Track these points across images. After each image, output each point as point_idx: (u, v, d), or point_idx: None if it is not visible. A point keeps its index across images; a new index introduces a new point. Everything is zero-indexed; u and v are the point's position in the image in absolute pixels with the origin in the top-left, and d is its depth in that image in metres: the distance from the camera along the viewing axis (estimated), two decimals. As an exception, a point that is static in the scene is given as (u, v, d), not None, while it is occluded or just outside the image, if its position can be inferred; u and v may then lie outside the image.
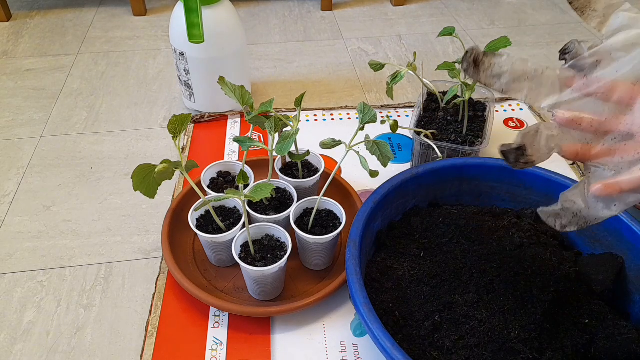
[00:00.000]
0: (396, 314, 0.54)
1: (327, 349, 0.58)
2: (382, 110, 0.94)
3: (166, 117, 0.93)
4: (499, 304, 0.53)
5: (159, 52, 1.13)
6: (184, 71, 0.87)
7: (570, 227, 0.43)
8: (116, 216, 0.74)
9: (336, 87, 1.02)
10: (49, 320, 0.61)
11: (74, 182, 0.80)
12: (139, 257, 0.68)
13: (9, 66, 1.07)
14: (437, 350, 0.50)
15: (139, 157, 0.84)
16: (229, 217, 0.64)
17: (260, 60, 1.10)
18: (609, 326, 0.51)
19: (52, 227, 0.72)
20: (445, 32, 0.72)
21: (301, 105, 0.62)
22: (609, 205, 0.41)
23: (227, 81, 0.61)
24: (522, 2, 1.36)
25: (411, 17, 1.29)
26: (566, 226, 0.43)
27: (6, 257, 0.68)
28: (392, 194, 0.62)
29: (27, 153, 0.85)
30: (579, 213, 0.42)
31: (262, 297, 0.61)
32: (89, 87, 1.01)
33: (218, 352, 0.57)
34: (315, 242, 0.60)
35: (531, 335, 0.50)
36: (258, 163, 0.74)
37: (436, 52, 1.14)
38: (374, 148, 0.56)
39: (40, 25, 1.23)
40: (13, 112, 0.94)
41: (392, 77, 0.69)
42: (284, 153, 0.57)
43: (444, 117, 0.77)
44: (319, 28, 1.24)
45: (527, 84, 0.42)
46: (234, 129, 0.90)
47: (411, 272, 0.57)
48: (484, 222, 0.61)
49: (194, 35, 0.79)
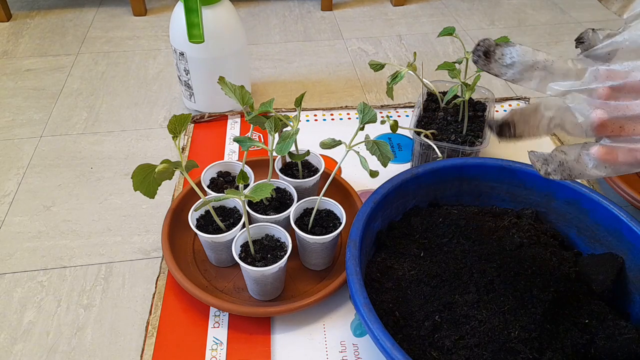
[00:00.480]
0: (396, 314, 0.54)
1: (327, 349, 0.58)
2: (382, 110, 0.94)
3: (166, 117, 0.93)
4: (499, 304, 0.53)
5: (159, 52, 1.13)
6: (184, 71, 0.87)
7: (554, 175, 0.42)
8: (116, 216, 0.74)
9: (336, 87, 1.02)
10: (49, 320, 0.61)
11: (74, 182, 0.80)
12: (139, 257, 0.68)
13: (9, 66, 1.07)
14: (437, 350, 0.50)
15: (139, 157, 0.84)
16: (229, 217, 0.64)
17: (260, 60, 1.10)
18: (609, 326, 0.51)
19: (52, 227, 0.72)
20: (445, 32, 0.72)
21: (301, 105, 0.62)
22: (599, 167, 0.41)
23: (227, 81, 0.61)
24: (522, 2, 1.37)
25: (411, 17, 1.29)
26: (550, 173, 0.43)
27: (6, 257, 0.68)
28: (392, 194, 0.62)
29: (27, 153, 0.85)
30: (565, 163, 0.42)
31: (262, 297, 0.61)
32: (89, 87, 1.01)
33: (218, 352, 0.57)
34: (315, 242, 0.60)
35: (531, 335, 0.50)
36: (258, 163, 0.74)
37: (436, 52, 1.14)
38: (374, 148, 0.56)
39: (40, 25, 1.23)
40: (13, 112, 0.94)
41: (392, 77, 0.69)
42: (284, 153, 0.57)
43: (444, 117, 0.77)
44: (319, 28, 1.24)
45: (538, 72, 0.42)
46: (234, 129, 0.90)
47: (411, 272, 0.57)
48: (484, 222, 0.61)
49: (194, 35, 0.79)
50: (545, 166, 0.43)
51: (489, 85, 1.02)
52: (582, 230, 0.63)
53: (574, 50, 1.18)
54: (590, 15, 1.30)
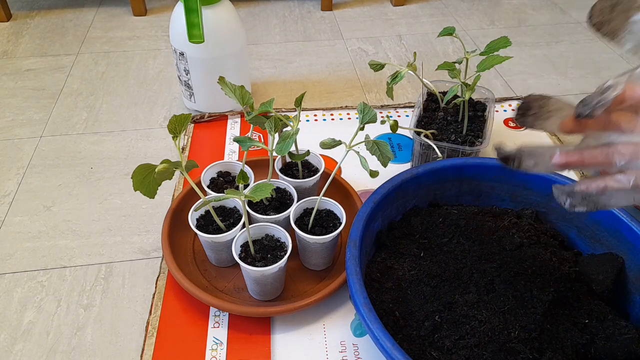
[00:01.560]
0: (396, 314, 0.54)
1: (327, 349, 0.58)
2: (382, 110, 0.94)
3: (166, 117, 0.93)
4: (499, 304, 0.53)
5: (159, 52, 1.13)
6: (184, 71, 0.87)
7: (580, 207, 0.44)
8: (116, 216, 0.74)
9: (336, 87, 1.02)
10: (49, 320, 0.61)
11: (74, 182, 0.80)
12: (139, 257, 0.68)
13: (9, 66, 1.07)
14: (437, 350, 0.50)
15: (139, 157, 0.84)
16: (229, 217, 0.64)
17: (260, 60, 1.10)
18: (609, 326, 0.52)
19: (52, 227, 0.72)
20: (445, 32, 0.72)
21: (301, 105, 0.62)
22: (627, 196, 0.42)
23: (227, 81, 0.61)
24: (522, 2, 1.37)
25: (411, 17, 1.29)
26: (575, 206, 0.44)
27: (6, 257, 0.68)
28: (392, 194, 0.62)
29: (27, 153, 0.85)
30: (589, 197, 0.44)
31: (262, 297, 0.61)
32: (89, 87, 1.01)
33: (218, 352, 0.57)
34: (315, 242, 0.60)
35: (531, 335, 0.50)
36: (258, 163, 0.74)
37: (436, 52, 1.14)
38: (374, 148, 0.56)
39: (40, 25, 1.23)
40: (13, 112, 0.94)
41: (392, 77, 0.69)
42: (284, 153, 0.57)
43: (444, 117, 0.77)
44: (319, 28, 1.24)
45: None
46: (234, 129, 0.90)
47: (411, 272, 0.57)
48: (484, 222, 0.61)
49: (194, 35, 0.79)
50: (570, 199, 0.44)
51: (489, 85, 1.02)
52: (582, 230, 0.63)
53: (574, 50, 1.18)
54: (590, 15, 1.30)
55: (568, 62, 1.11)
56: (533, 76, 1.07)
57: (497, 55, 0.68)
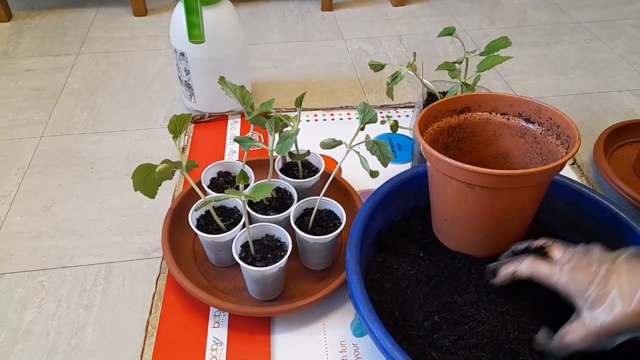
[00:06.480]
0: (396, 314, 0.54)
1: (327, 349, 0.58)
2: (382, 110, 0.94)
3: (166, 117, 0.94)
4: (498, 304, 0.53)
5: (159, 52, 1.13)
6: (185, 71, 0.87)
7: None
8: (116, 216, 0.74)
9: (336, 87, 1.02)
10: (49, 320, 0.61)
11: (74, 182, 0.80)
12: (139, 257, 0.68)
13: (9, 66, 1.07)
14: (436, 350, 0.50)
15: (139, 157, 0.84)
16: (229, 217, 0.64)
17: (260, 60, 1.10)
18: (609, 326, 0.51)
19: (52, 227, 0.72)
20: (445, 32, 0.72)
21: (301, 105, 0.62)
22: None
23: (227, 81, 0.61)
24: (522, 2, 1.37)
25: (411, 17, 1.29)
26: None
27: (6, 257, 0.68)
28: (392, 194, 0.62)
29: (28, 153, 0.85)
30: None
31: (262, 297, 0.61)
32: (89, 87, 1.01)
33: (218, 352, 0.57)
34: (315, 242, 0.60)
35: (530, 336, 0.50)
36: (258, 163, 0.74)
37: (436, 52, 1.14)
38: (374, 148, 0.56)
39: (40, 25, 1.23)
40: (13, 112, 0.94)
41: (392, 77, 0.69)
42: (284, 153, 0.57)
43: (444, 117, 0.77)
44: (319, 28, 1.24)
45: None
46: (234, 129, 0.90)
47: (411, 272, 0.57)
48: (484, 222, 0.61)
49: (194, 36, 0.79)
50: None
51: (489, 85, 1.02)
52: (582, 230, 0.62)
53: (574, 50, 1.18)
54: (590, 15, 1.30)
55: (568, 62, 1.11)
56: (533, 76, 1.07)
57: (497, 55, 0.68)
